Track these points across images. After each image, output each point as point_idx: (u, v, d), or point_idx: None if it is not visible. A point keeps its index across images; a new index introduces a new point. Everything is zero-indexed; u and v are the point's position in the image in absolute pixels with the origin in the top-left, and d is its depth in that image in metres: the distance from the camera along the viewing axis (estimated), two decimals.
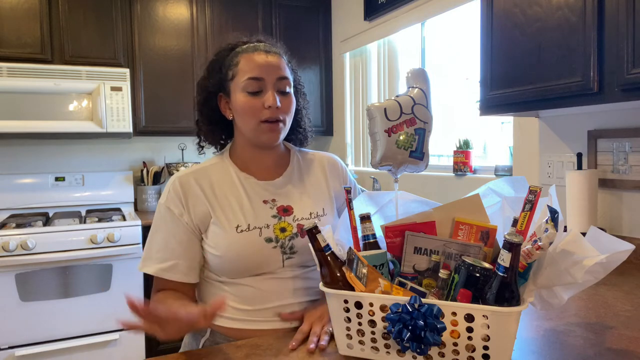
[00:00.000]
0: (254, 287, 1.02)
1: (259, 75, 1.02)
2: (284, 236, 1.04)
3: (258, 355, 0.87)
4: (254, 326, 1.02)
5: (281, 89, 1.04)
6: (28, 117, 2.53)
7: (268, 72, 1.02)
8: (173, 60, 2.91)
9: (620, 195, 1.56)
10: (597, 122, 1.61)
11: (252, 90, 1.02)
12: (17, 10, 2.57)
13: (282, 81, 1.04)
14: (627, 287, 1.23)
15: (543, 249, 0.75)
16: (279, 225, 1.05)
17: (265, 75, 1.02)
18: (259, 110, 1.02)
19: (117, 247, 2.47)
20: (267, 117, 1.02)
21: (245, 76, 1.02)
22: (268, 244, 1.02)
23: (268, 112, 1.01)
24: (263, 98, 1.02)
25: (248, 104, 1.02)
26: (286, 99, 1.05)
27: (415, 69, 1.02)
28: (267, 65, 1.03)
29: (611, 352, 0.84)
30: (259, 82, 1.02)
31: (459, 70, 2.45)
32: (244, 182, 1.07)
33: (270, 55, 1.05)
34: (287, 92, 1.05)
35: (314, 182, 1.14)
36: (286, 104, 1.05)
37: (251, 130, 1.04)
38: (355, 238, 0.94)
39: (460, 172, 2.26)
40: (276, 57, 1.05)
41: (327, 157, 1.21)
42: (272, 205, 1.07)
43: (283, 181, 1.10)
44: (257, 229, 1.03)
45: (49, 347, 2.35)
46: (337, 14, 3.33)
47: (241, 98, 1.03)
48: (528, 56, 1.40)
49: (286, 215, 1.06)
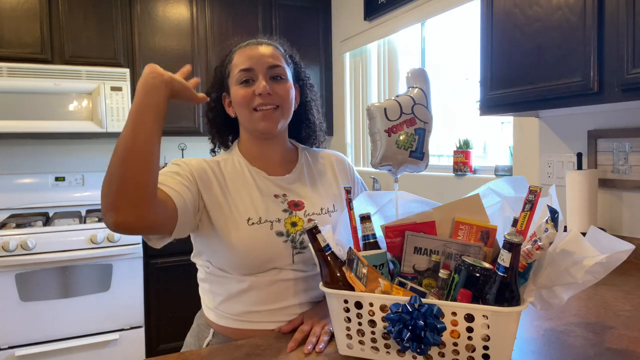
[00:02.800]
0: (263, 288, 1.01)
1: (249, 66, 1.03)
2: (295, 231, 1.03)
3: (258, 355, 0.87)
4: (256, 327, 1.01)
5: (273, 76, 1.05)
6: (28, 117, 2.53)
7: (258, 61, 1.04)
8: (173, 60, 2.91)
9: (620, 195, 1.56)
10: (597, 122, 1.61)
11: (242, 80, 1.04)
12: (17, 10, 2.57)
13: (275, 69, 1.05)
14: (627, 287, 1.23)
15: (543, 249, 0.75)
16: (290, 219, 1.04)
17: (255, 65, 1.04)
18: (250, 99, 1.03)
19: (117, 247, 2.46)
20: (257, 103, 1.02)
21: (237, 69, 1.05)
22: (279, 237, 1.02)
23: (259, 99, 1.02)
24: (254, 86, 1.03)
25: (240, 94, 1.04)
26: (280, 85, 1.05)
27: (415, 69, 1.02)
28: (258, 56, 1.04)
29: (611, 352, 0.84)
30: (250, 72, 1.04)
31: (459, 70, 2.45)
32: (255, 176, 1.08)
33: (262, 46, 1.07)
34: (281, 79, 1.06)
35: (323, 179, 1.15)
36: (280, 89, 1.04)
37: (247, 121, 1.06)
38: (355, 238, 0.94)
39: (460, 172, 2.26)
40: (269, 48, 1.07)
41: (335, 155, 1.22)
42: (283, 199, 1.07)
43: (293, 177, 1.11)
44: (268, 222, 1.02)
45: (49, 347, 2.35)
46: (337, 14, 3.33)
47: (235, 90, 1.05)
48: (528, 56, 1.40)
49: (297, 210, 1.06)
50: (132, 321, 2.53)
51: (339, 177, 1.17)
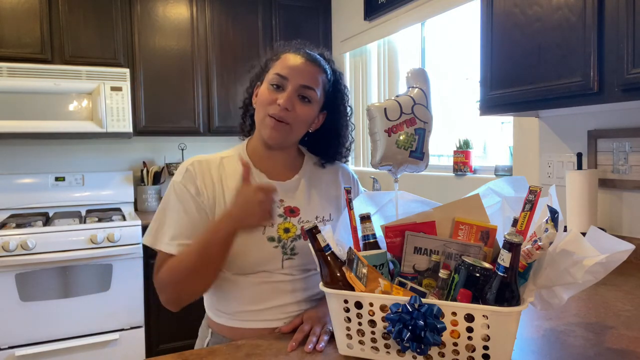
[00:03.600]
0: (253, 288, 1.03)
1: (286, 74, 1.03)
2: (287, 237, 1.04)
3: (258, 355, 0.87)
4: (254, 325, 1.02)
5: (302, 95, 1.04)
6: (28, 117, 2.53)
7: (296, 74, 1.03)
8: (173, 60, 2.91)
9: (620, 195, 1.56)
10: (597, 122, 1.61)
11: (274, 84, 1.04)
12: (17, 10, 2.57)
13: (306, 90, 1.04)
14: (627, 287, 1.23)
15: (543, 249, 0.75)
16: (283, 225, 1.04)
17: (291, 76, 1.03)
18: (270, 103, 1.03)
19: (117, 247, 2.47)
20: (273, 112, 1.02)
21: (275, 70, 1.05)
22: (270, 243, 1.02)
23: (277, 108, 1.02)
24: (279, 95, 1.03)
25: (264, 95, 1.04)
26: (303, 107, 1.04)
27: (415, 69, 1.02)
28: (298, 69, 1.04)
29: (611, 352, 0.84)
30: (283, 80, 1.03)
31: (459, 70, 2.45)
32: (256, 178, 1.08)
33: (308, 63, 1.06)
34: (308, 102, 1.05)
35: (324, 188, 1.15)
36: (300, 110, 1.04)
37: (259, 122, 1.06)
38: (355, 238, 0.94)
39: (460, 172, 2.26)
40: (313, 67, 1.06)
41: (342, 167, 1.23)
42: (279, 205, 1.06)
43: (293, 183, 1.11)
44: (260, 226, 1.02)
45: (49, 347, 2.35)
46: (337, 14, 3.33)
47: (263, 88, 1.06)
48: (528, 56, 1.40)
49: (292, 217, 1.06)
50: (132, 321, 2.53)
51: (341, 189, 1.16)
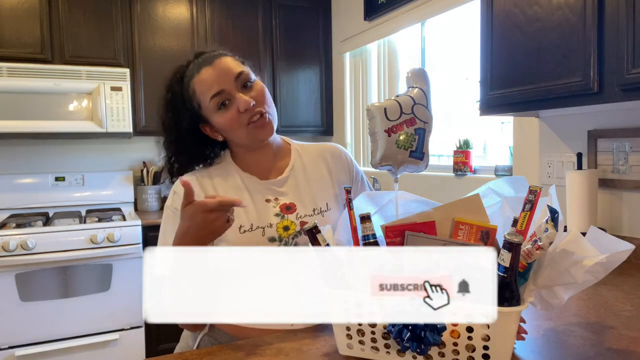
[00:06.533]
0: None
1: (217, 90, 1.00)
2: (287, 235, 1.03)
3: (258, 355, 0.87)
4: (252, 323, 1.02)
5: (243, 84, 1.02)
6: (28, 117, 2.53)
7: (221, 80, 1.00)
8: (173, 60, 2.85)
9: (620, 195, 1.56)
10: (597, 122, 1.61)
11: (220, 104, 1.00)
12: (17, 10, 2.57)
13: (240, 77, 1.02)
14: (627, 287, 1.23)
15: (543, 249, 0.75)
16: (282, 223, 1.04)
17: (221, 85, 1.00)
18: (237, 118, 1.00)
19: (117, 247, 2.47)
20: (248, 119, 1.00)
21: (207, 98, 1.01)
22: (271, 243, 1.02)
23: (247, 114, 1.00)
24: (235, 105, 1.00)
25: (226, 119, 1.01)
26: (254, 90, 1.03)
27: (415, 69, 1.02)
28: (217, 75, 1.01)
29: (611, 352, 0.84)
30: (222, 94, 1.00)
31: (459, 70, 2.45)
32: (247, 183, 1.07)
33: (213, 64, 1.02)
34: (251, 83, 1.03)
35: (317, 177, 1.12)
36: (256, 95, 1.02)
37: (245, 138, 1.04)
38: (355, 238, 0.94)
39: (460, 172, 2.26)
40: (220, 61, 1.03)
41: (330, 148, 1.18)
42: (275, 203, 1.06)
43: (285, 179, 1.09)
44: (260, 228, 1.02)
45: (49, 347, 2.35)
46: (337, 14, 3.33)
47: (218, 118, 1.02)
48: (528, 56, 1.40)
49: (289, 213, 1.05)
50: (132, 321, 2.53)
51: (334, 173, 1.13)
